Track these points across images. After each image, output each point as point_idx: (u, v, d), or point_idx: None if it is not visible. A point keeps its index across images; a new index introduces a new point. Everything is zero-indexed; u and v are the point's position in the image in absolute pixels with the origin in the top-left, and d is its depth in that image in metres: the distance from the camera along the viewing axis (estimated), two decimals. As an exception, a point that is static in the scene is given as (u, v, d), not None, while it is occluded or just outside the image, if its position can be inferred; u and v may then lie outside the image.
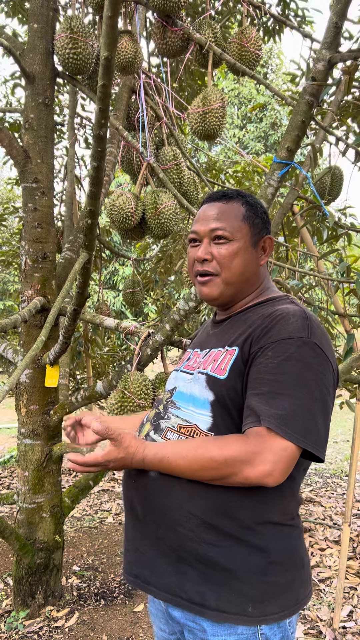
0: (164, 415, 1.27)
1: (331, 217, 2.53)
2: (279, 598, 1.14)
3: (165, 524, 1.16)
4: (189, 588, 1.13)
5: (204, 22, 2.61)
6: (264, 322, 1.19)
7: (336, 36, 1.88)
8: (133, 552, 1.24)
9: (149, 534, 1.19)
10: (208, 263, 1.31)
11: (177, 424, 1.22)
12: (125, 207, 2.54)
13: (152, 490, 1.18)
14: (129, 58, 2.53)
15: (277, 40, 4.17)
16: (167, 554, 1.16)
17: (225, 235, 1.29)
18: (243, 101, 16.88)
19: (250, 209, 1.34)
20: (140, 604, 2.91)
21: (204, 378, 1.22)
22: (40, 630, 2.66)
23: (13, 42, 2.78)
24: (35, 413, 2.80)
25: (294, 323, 1.15)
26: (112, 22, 1.38)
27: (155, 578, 1.18)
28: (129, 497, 1.26)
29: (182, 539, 1.14)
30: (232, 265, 1.29)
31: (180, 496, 1.15)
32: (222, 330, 1.34)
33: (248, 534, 1.12)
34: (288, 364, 1.09)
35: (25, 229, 2.76)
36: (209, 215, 1.32)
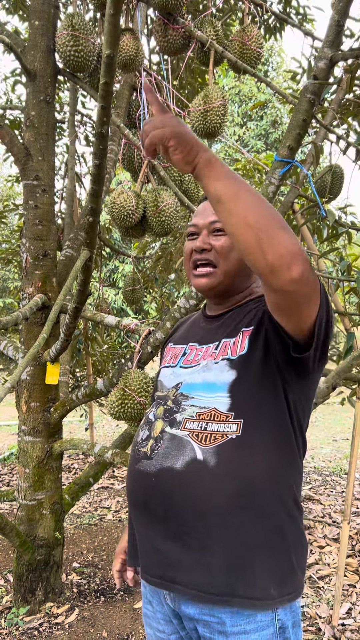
0: (177, 409, 1.25)
1: (331, 216, 2.53)
2: (293, 578, 1.18)
3: (192, 515, 1.15)
4: (217, 580, 1.13)
5: (206, 20, 2.60)
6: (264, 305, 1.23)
7: (338, 34, 1.89)
8: (153, 553, 1.22)
9: (172, 532, 1.18)
10: (207, 252, 1.33)
11: (195, 413, 1.21)
12: (126, 205, 2.54)
13: (178, 483, 1.17)
14: (130, 56, 2.53)
15: (278, 38, 4.17)
16: (193, 548, 1.15)
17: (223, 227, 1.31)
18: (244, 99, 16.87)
19: None
20: (139, 600, 2.92)
21: (225, 363, 1.23)
22: (41, 627, 2.67)
23: (14, 39, 2.78)
24: (35, 410, 2.80)
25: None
26: (114, 20, 1.38)
27: (182, 576, 1.16)
28: (144, 498, 1.24)
29: (210, 528, 1.14)
30: (230, 256, 1.32)
31: (208, 484, 1.14)
32: (224, 323, 1.34)
33: (270, 515, 1.15)
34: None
35: (26, 227, 2.76)
36: (209, 209, 1.35)
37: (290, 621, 1.18)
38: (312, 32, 2.97)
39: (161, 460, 1.21)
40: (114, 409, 2.30)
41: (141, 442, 1.30)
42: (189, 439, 1.19)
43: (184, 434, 1.20)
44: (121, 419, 2.32)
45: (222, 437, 1.16)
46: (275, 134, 16.41)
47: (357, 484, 5.08)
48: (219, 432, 1.17)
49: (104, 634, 2.61)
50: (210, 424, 1.18)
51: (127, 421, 2.43)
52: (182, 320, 1.61)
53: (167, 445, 1.22)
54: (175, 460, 1.18)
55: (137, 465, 1.27)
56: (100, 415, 8.32)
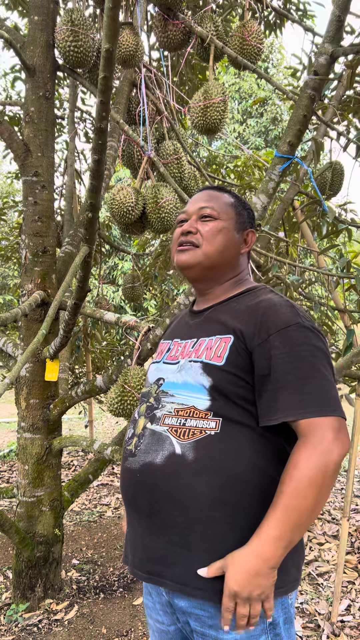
0: (157, 406, 1.27)
1: (331, 212, 2.52)
2: (283, 570, 1.16)
3: (174, 509, 1.16)
4: (197, 575, 1.13)
5: (206, 16, 2.59)
6: (253, 313, 1.23)
7: (338, 30, 1.88)
8: (142, 549, 1.23)
9: (157, 527, 1.19)
10: (192, 235, 1.36)
11: (174, 409, 1.22)
12: (126, 201, 2.53)
13: (159, 477, 1.18)
14: (130, 51, 2.52)
15: (278, 34, 4.15)
16: (177, 542, 1.16)
17: (211, 214, 1.37)
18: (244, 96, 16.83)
19: (238, 202, 1.43)
20: (139, 597, 2.92)
21: (198, 365, 1.23)
22: (40, 623, 2.67)
23: (14, 35, 2.77)
24: (35, 407, 2.80)
25: (284, 312, 1.20)
26: (113, 14, 1.37)
27: (169, 570, 1.17)
28: (133, 494, 1.25)
29: (192, 522, 1.14)
30: (214, 240, 1.35)
31: (187, 478, 1.15)
32: (205, 319, 1.35)
33: (253, 510, 1.14)
34: (301, 349, 1.14)
35: (26, 223, 2.76)
36: (199, 199, 1.41)
37: (281, 617, 1.18)
38: (313, 28, 2.96)
39: (143, 456, 1.23)
40: (114, 405, 2.30)
41: (127, 440, 1.33)
42: (168, 434, 1.20)
43: (163, 429, 1.22)
44: (120, 415, 2.32)
45: (200, 433, 1.17)
46: (276, 131, 16.37)
47: (356, 481, 5.08)
48: (198, 428, 1.17)
49: (103, 631, 2.61)
50: (189, 420, 1.19)
51: (127, 418, 2.42)
52: (175, 316, 1.62)
53: (148, 441, 1.24)
54: (156, 455, 1.20)
55: (125, 464, 1.30)
56: (100, 412, 8.32)
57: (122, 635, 2.57)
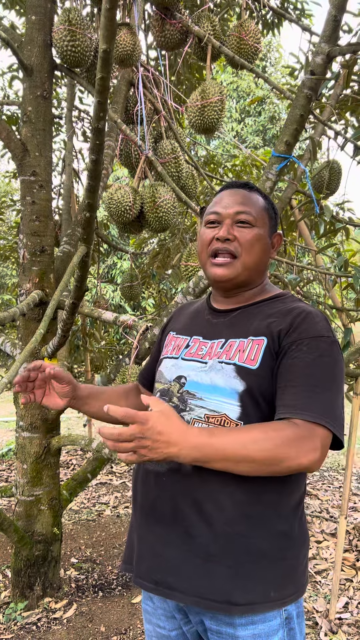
0: (184, 408, 1.23)
1: (327, 211, 2.53)
2: (294, 578, 1.18)
3: (198, 519, 1.14)
4: (217, 588, 1.12)
5: (203, 15, 2.60)
6: (289, 316, 1.22)
7: (335, 29, 1.88)
8: (152, 557, 1.20)
9: (175, 536, 1.17)
10: (230, 243, 1.30)
11: (204, 414, 1.19)
12: (124, 200, 2.53)
13: (186, 486, 1.16)
14: (127, 51, 2.52)
15: (275, 34, 4.16)
16: (196, 554, 1.14)
17: (249, 220, 1.30)
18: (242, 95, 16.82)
19: (268, 203, 1.38)
20: (138, 595, 2.93)
21: (231, 368, 1.20)
22: (39, 622, 2.68)
23: (11, 34, 2.77)
24: (33, 406, 2.80)
25: (320, 323, 1.20)
26: (110, 14, 1.38)
27: (181, 583, 1.15)
28: (151, 499, 1.22)
29: (216, 534, 1.13)
30: (252, 250, 1.30)
31: (217, 488, 1.13)
32: (233, 320, 1.31)
33: (277, 520, 1.15)
34: (323, 360, 1.15)
35: (24, 222, 2.76)
36: (233, 199, 1.33)
37: (295, 611, 1.21)
38: (310, 27, 2.96)
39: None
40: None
41: None
42: None
43: None
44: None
45: None
46: (273, 130, 16.37)
47: (354, 479, 5.10)
48: None
49: (102, 629, 2.62)
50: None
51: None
52: (182, 306, 1.56)
53: None
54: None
55: (146, 465, 1.25)
56: (99, 412, 8.31)
57: (121, 634, 2.58)
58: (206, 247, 1.34)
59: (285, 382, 1.14)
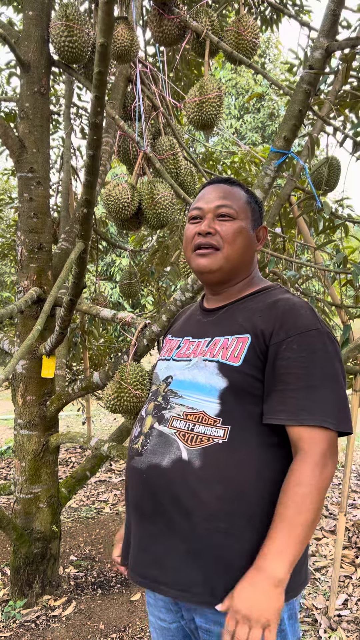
0: (165, 406, 1.25)
1: (326, 208, 2.52)
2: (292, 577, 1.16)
3: (178, 514, 1.15)
4: (198, 581, 1.13)
5: (201, 10, 2.58)
6: (272, 312, 1.21)
7: (334, 24, 1.87)
8: (139, 552, 1.22)
9: (158, 530, 1.18)
10: (211, 236, 1.30)
11: (183, 412, 1.20)
12: (122, 197, 2.52)
13: (165, 481, 1.17)
14: (125, 46, 2.51)
15: (274, 30, 4.14)
16: (177, 548, 1.15)
17: (230, 213, 1.31)
18: (241, 92, 16.78)
19: (251, 197, 1.39)
20: (137, 593, 2.93)
21: (214, 366, 1.20)
22: (38, 619, 2.68)
23: (8, 30, 2.75)
24: (31, 404, 2.80)
25: (305, 314, 1.19)
26: (108, 8, 1.37)
27: (165, 576, 1.16)
28: (136, 495, 1.24)
29: (195, 528, 1.13)
30: (235, 242, 1.30)
31: (193, 484, 1.14)
32: (220, 318, 1.32)
33: (261, 520, 1.14)
34: (315, 356, 1.14)
35: (21, 220, 2.75)
36: (214, 194, 1.34)
37: (285, 613, 1.19)
38: (309, 23, 2.94)
39: (150, 457, 1.21)
40: (110, 402, 2.30)
41: (134, 439, 1.30)
42: (175, 437, 1.19)
43: (170, 432, 1.20)
44: (117, 411, 2.32)
45: (208, 440, 1.15)
46: (273, 127, 16.33)
47: (353, 476, 5.10)
48: (205, 435, 1.16)
49: (101, 626, 2.62)
50: (198, 426, 1.17)
51: (124, 414, 2.42)
52: (182, 310, 1.59)
53: (155, 441, 1.22)
54: (162, 458, 1.18)
55: (131, 462, 1.27)
56: (98, 409, 8.32)
57: (120, 631, 2.58)
58: (190, 242, 1.35)
59: (283, 385, 1.14)
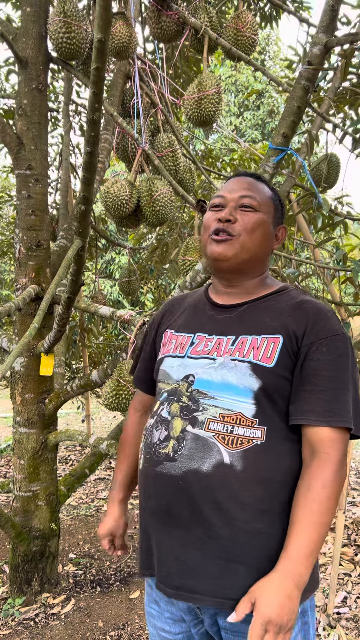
0: (196, 407, 1.19)
1: (326, 205, 2.51)
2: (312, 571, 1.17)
3: (219, 520, 1.12)
4: (240, 587, 1.11)
5: (200, 7, 2.57)
6: (301, 313, 1.23)
7: (332, 20, 1.86)
8: (172, 561, 1.18)
9: (195, 538, 1.15)
10: (230, 224, 1.28)
11: (219, 414, 1.17)
12: (120, 194, 2.51)
13: (207, 486, 1.14)
14: (123, 42, 2.50)
15: (274, 27, 4.12)
16: (217, 555, 1.13)
17: (252, 204, 1.29)
18: (240, 89, 16.74)
19: (275, 195, 1.38)
20: (136, 590, 2.93)
21: (246, 366, 1.18)
22: (37, 617, 2.68)
23: (6, 27, 2.74)
24: (30, 402, 2.79)
25: (333, 318, 1.23)
26: (105, 4, 1.36)
27: (203, 585, 1.14)
28: (168, 502, 1.18)
29: (237, 533, 1.12)
30: (254, 233, 1.28)
31: (237, 487, 1.12)
32: (241, 316, 1.28)
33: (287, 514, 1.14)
34: (342, 360, 1.18)
35: (19, 217, 2.74)
36: (239, 185, 1.33)
37: (308, 604, 1.22)
38: (308, 19, 2.93)
39: (186, 462, 1.16)
40: (109, 399, 2.29)
41: (159, 443, 1.22)
42: (214, 440, 1.15)
43: (208, 435, 1.16)
44: (116, 409, 2.32)
45: (247, 442, 1.14)
46: (272, 124, 16.30)
47: (352, 474, 5.10)
48: (245, 437, 1.14)
49: (100, 624, 2.62)
50: (236, 428, 1.15)
51: (122, 412, 2.42)
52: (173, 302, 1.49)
53: (191, 446, 1.16)
54: (202, 463, 1.14)
55: (159, 468, 1.20)
56: (98, 407, 8.32)
57: (119, 629, 2.58)
58: (207, 229, 1.32)
59: (311, 386, 1.16)
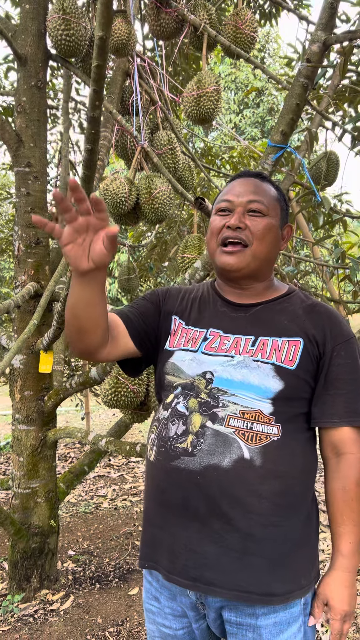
0: (216, 404, 1.20)
1: (326, 203, 2.51)
2: (315, 563, 1.25)
3: (237, 514, 1.14)
4: (257, 580, 1.14)
5: (199, 4, 2.57)
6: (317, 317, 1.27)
7: (331, 17, 1.86)
8: (188, 554, 1.18)
9: (211, 531, 1.16)
10: (241, 231, 1.27)
11: (239, 411, 1.18)
12: (119, 191, 2.52)
13: (227, 481, 1.15)
14: (122, 40, 2.50)
15: (273, 24, 4.12)
16: (233, 548, 1.14)
17: (261, 209, 1.28)
18: (240, 86, 16.73)
19: (280, 194, 1.36)
20: (134, 587, 2.94)
21: (269, 367, 1.20)
22: (36, 614, 2.69)
23: (5, 24, 2.74)
24: (29, 399, 2.80)
25: (344, 322, 1.28)
26: (106, 2, 1.36)
27: (220, 578, 1.15)
28: (184, 496, 1.18)
29: (253, 526, 1.14)
30: (264, 239, 1.27)
31: (256, 482, 1.14)
32: (256, 317, 1.29)
33: (301, 507, 1.20)
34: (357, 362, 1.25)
35: (18, 214, 2.74)
36: (245, 188, 1.31)
37: (310, 597, 1.25)
38: (308, 17, 2.93)
39: (206, 457, 1.16)
40: (107, 397, 2.30)
41: (177, 437, 1.21)
42: (235, 436, 1.16)
43: (229, 431, 1.17)
44: (114, 406, 2.32)
45: (266, 438, 1.17)
46: (272, 122, 16.29)
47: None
48: (264, 433, 1.17)
49: (99, 620, 2.63)
50: (256, 424, 1.17)
51: (121, 409, 2.42)
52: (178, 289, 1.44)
53: (211, 441, 1.17)
54: (222, 458, 1.15)
55: (175, 463, 1.20)
56: (97, 405, 8.33)
57: (118, 625, 2.59)
58: (216, 235, 1.30)
59: (334, 390, 1.21)
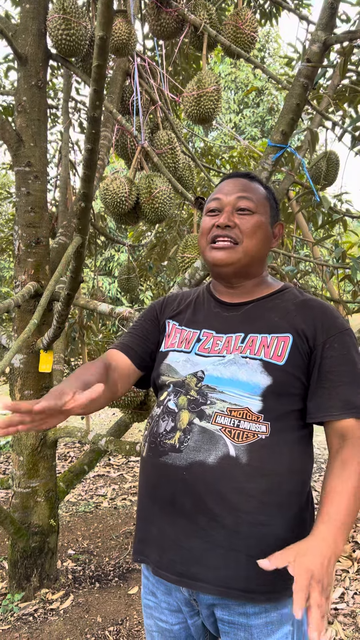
0: (204, 401, 1.21)
1: (326, 203, 2.52)
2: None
3: (223, 511, 1.14)
4: (241, 577, 1.13)
5: (199, 4, 2.57)
6: (308, 312, 1.26)
7: (332, 17, 1.86)
8: (175, 549, 1.19)
9: (198, 528, 1.16)
10: (230, 229, 1.28)
11: (227, 408, 1.19)
12: (119, 191, 2.52)
13: (211, 478, 1.15)
14: (122, 39, 2.50)
15: (273, 24, 4.12)
16: (219, 544, 1.14)
17: (250, 207, 1.29)
18: (240, 86, 16.72)
19: (270, 193, 1.39)
20: (134, 586, 2.94)
21: (257, 363, 1.20)
22: (36, 613, 2.69)
23: (5, 23, 2.74)
24: (29, 398, 2.80)
25: (338, 314, 1.27)
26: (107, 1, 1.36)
27: (206, 573, 1.15)
28: (172, 492, 1.20)
29: (240, 524, 1.14)
30: (254, 236, 1.29)
31: (241, 479, 1.14)
32: (247, 315, 1.30)
33: (292, 507, 1.18)
34: (352, 354, 1.22)
35: (19, 214, 2.74)
36: (233, 187, 1.33)
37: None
38: (308, 17, 2.93)
39: (192, 454, 1.17)
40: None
41: (165, 434, 1.24)
42: (221, 434, 1.17)
43: (215, 429, 1.18)
44: (114, 406, 2.32)
45: (253, 436, 1.16)
46: (272, 121, 16.28)
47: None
48: (251, 431, 1.16)
49: (99, 620, 2.63)
50: (243, 422, 1.17)
51: (121, 408, 2.43)
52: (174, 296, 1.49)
53: (198, 438, 1.18)
54: (208, 455, 1.16)
55: (164, 458, 1.21)
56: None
57: (117, 624, 2.59)
58: (206, 234, 1.33)
59: (329, 383, 1.19)
